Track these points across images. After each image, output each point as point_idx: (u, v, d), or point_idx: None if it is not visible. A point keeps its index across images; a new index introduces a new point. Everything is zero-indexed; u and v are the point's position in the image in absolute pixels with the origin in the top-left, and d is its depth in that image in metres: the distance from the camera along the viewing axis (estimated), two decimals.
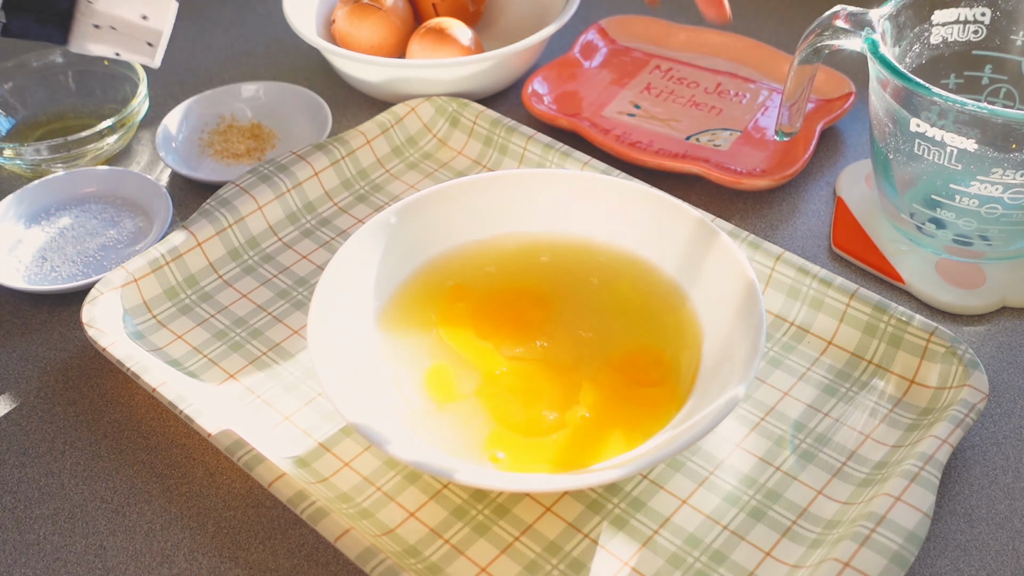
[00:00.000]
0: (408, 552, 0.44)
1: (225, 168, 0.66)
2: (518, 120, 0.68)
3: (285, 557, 0.46)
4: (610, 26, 0.76)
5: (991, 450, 0.49)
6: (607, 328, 0.51)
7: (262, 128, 0.69)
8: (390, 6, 0.71)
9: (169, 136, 0.68)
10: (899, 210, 0.58)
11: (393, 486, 0.47)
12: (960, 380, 0.48)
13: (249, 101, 0.71)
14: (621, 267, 0.53)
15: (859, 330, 0.52)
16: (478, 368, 0.49)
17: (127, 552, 0.46)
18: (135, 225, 0.62)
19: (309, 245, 0.60)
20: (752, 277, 0.48)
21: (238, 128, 0.69)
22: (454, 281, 0.53)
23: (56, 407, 0.53)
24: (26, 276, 0.59)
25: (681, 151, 0.65)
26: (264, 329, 0.55)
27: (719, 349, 0.48)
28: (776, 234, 0.61)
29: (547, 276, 0.53)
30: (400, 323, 0.51)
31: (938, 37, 0.59)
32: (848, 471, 0.47)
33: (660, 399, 0.47)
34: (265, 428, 0.50)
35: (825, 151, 0.67)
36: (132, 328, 0.54)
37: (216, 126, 0.70)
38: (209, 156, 0.67)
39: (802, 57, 0.56)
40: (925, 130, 0.52)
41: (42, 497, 0.49)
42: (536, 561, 0.44)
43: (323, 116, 0.68)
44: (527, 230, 0.55)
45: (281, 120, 0.70)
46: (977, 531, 0.46)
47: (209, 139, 0.69)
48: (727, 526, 0.45)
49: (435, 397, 0.48)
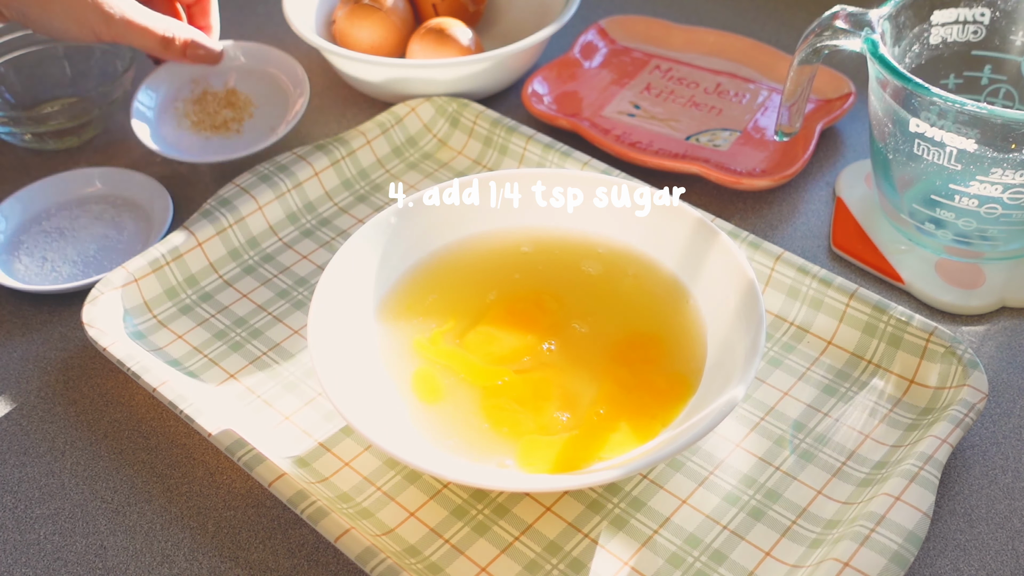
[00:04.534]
0: (408, 552, 0.44)
1: (204, 143, 0.66)
2: (518, 120, 0.68)
3: (285, 557, 0.46)
4: (610, 26, 0.76)
5: (991, 450, 0.49)
6: (611, 325, 0.50)
7: (238, 95, 0.69)
8: (390, 6, 0.71)
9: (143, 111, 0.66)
10: (899, 210, 0.58)
11: (393, 486, 0.47)
12: (960, 380, 0.49)
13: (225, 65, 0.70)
14: (622, 267, 0.53)
15: (859, 330, 0.52)
16: (480, 368, 0.49)
17: (127, 552, 0.46)
18: (135, 225, 0.62)
19: (309, 245, 0.60)
20: (752, 277, 0.48)
21: (213, 95, 0.68)
22: (456, 289, 0.53)
23: (56, 407, 0.53)
24: (26, 276, 0.59)
25: (681, 151, 0.65)
26: (264, 329, 0.55)
27: (719, 349, 0.48)
28: (776, 234, 0.61)
29: (547, 276, 0.53)
30: (401, 323, 0.51)
31: (937, 37, 0.59)
32: (848, 471, 0.47)
33: (668, 395, 0.47)
34: (265, 428, 0.50)
35: (825, 151, 0.67)
36: (132, 328, 0.54)
37: (190, 94, 0.69)
38: (187, 129, 0.67)
39: (802, 57, 0.56)
40: (925, 130, 0.52)
41: (42, 497, 0.49)
42: (536, 561, 0.44)
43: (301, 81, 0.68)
44: (528, 230, 0.55)
45: (256, 84, 0.69)
46: (977, 531, 0.46)
47: (185, 109, 0.68)
48: (727, 526, 0.45)
49: (435, 397, 0.48)
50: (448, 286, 0.53)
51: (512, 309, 0.51)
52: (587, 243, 0.54)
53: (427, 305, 0.52)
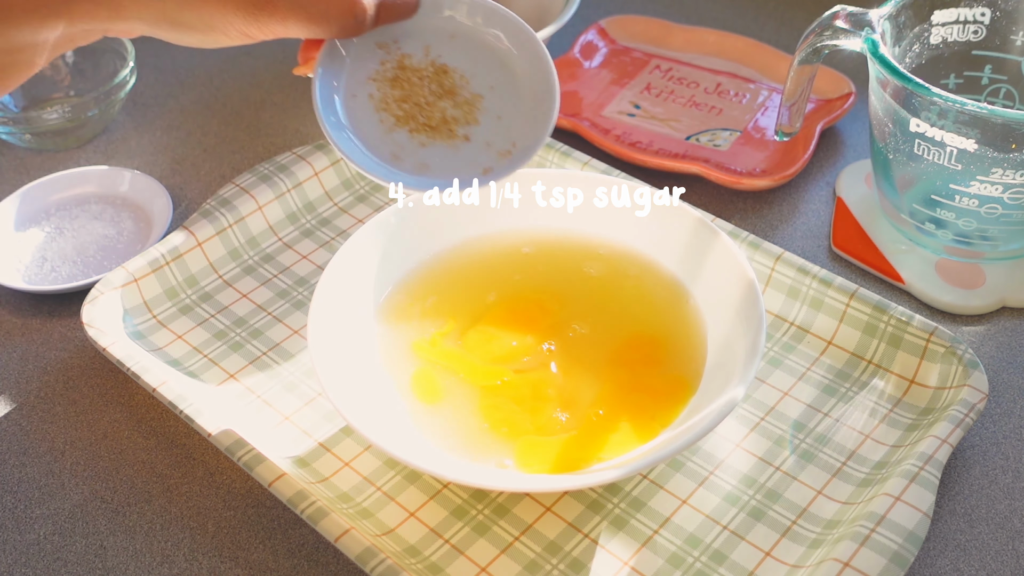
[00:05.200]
0: (408, 552, 0.44)
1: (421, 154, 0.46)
2: None
3: (285, 557, 0.46)
4: (610, 26, 0.76)
5: (991, 450, 0.49)
6: (611, 326, 0.50)
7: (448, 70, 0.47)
8: None
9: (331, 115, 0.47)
10: (899, 210, 0.58)
11: (393, 486, 0.47)
12: (960, 380, 0.48)
13: None
14: (622, 267, 0.53)
15: (859, 330, 0.52)
16: (479, 368, 0.49)
17: (127, 552, 0.46)
18: (135, 225, 0.62)
19: (309, 245, 0.60)
20: (752, 277, 0.48)
21: (413, 69, 0.47)
22: (456, 290, 0.53)
23: (56, 407, 0.53)
24: (26, 276, 0.59)
25: (681, 151, 0.65)
26: (264, 329, 0.55)
27: (719, 349, 0.48)
28: (776, 234, 0.61)
29: (547, 276, 0.53)
30: (400, 323, 0.51)
31: (938, 37, 0.59)
32: (848, 471, 0.47)
33: (668, 396, 0.47)
34: (265, 428, 0.50)
35: (825, 151, 0.67)
36: (132, 328, 0.54)
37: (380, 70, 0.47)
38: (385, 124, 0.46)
39: (802, 57, 0.56)
40: (925, 130, 0.52)
41: (42, 497, 0.49)
42: (536, 561, 0.44)
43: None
44: (528, 230, 0.55)
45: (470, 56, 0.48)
46: (977, 531, 0.46)
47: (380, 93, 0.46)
48: (727, 526, 0.45)
49: (435, 397, 0.48)
50: (448, 287, 0.53)
51: (512, 310, 0.51)
52: (587, 243, 0.54)
53: (427, 306, 0.52)
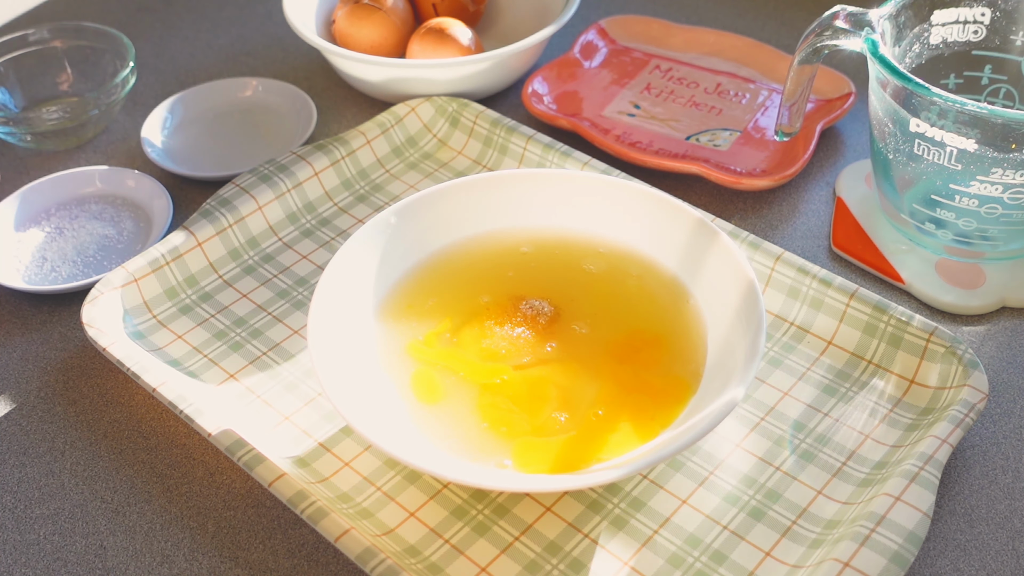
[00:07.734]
0: (408, 552, 0.44)
1: None
2: (518, 120, 0.68)
3: (285, 557, 0.46)
4: (610, 26, 0.76)
5: (991, 450, 0.49)
6: (611, 326, 0.50)
7: None
8: (390, 6, 0.71)
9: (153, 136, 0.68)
10: (899, 210, 0.58)
11: (393, 486, 0.47)
12: (960, 380, 0.48)
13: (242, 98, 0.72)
14: (622, 267, 0.53)
15: (859, 330, 0.52)
16: (478, 366, 0.49)
17: (127, 552, 0.46)
18: (135, 225, 0.62)
19: (309, 245, 0.60)
20: (752, 277, 0.48)
21: None
22: (455, 289, 0.53)
23: (56, 407, 0.53)
24: (26, 276, 0.59)
25: (681, 151, 0.65)
26: (264, 329, 0.55)
27: (719, 349, 0.48)
28: (776, 234, 0.61)
29: (547, 276, 0.53)
30: (400, 323, 0.51)
31: (938, 37, 0.59)
32: (848, 471, 0.47)
33: (668, 396, 0.47)
34: (265, 428, 0.50)
35: (825, 151, 0.67)
36: (132, 328, 0.54)
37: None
38: None
39: (802, 57, 0.56)
40: (925, 130, 0.52)
41: (42, 497, 0.49)
42: (536, 561, 0.44)
43: (308, 113, 0.69)
44: (528, 231, 0.55)
45: (267, 117, 0.71)
46: (977, 531, 0.46)
47: None
48: (727, 526, 0.45)
49: (435, 396, 0.48)
50: (448, 287, 0.53)
51: (512, 309, 0.51)
52: (587, 243, 0.54)
53: (428, 306, 0.52)
